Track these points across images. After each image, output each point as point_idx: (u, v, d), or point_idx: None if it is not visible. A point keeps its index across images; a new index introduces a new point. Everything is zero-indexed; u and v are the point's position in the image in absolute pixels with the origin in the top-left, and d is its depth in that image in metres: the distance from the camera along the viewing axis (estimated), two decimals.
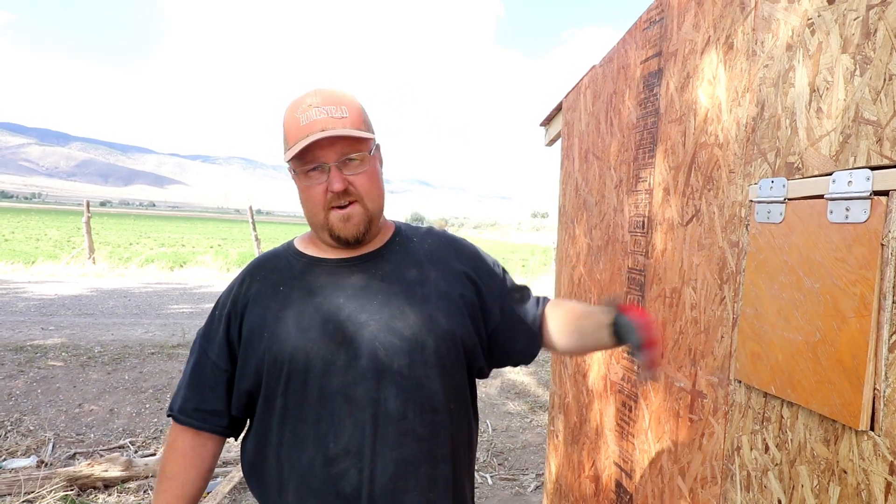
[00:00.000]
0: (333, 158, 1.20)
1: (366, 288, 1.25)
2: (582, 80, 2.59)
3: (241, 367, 1.27)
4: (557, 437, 2.81)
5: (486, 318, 1.36)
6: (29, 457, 4.05)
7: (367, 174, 1.24)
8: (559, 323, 1.41)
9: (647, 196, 1.81)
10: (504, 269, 1.46)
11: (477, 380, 1.41)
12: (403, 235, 1.38)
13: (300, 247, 1.34)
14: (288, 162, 1.24)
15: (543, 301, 1.47)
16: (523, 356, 1.42)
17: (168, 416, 1.34)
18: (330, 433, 1.18)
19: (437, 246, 1.37)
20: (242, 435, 1.38)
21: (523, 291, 1.46)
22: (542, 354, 1.50)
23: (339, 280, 1.26)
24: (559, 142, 3.01)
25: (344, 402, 1.18)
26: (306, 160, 1.20)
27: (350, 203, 1.23)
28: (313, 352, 1.19)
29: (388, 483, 1.17)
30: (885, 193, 0.91)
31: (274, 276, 1.30)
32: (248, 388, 1.26)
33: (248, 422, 1.36)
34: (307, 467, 1.19)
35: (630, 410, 1.91)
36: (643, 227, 1.83)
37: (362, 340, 1.19)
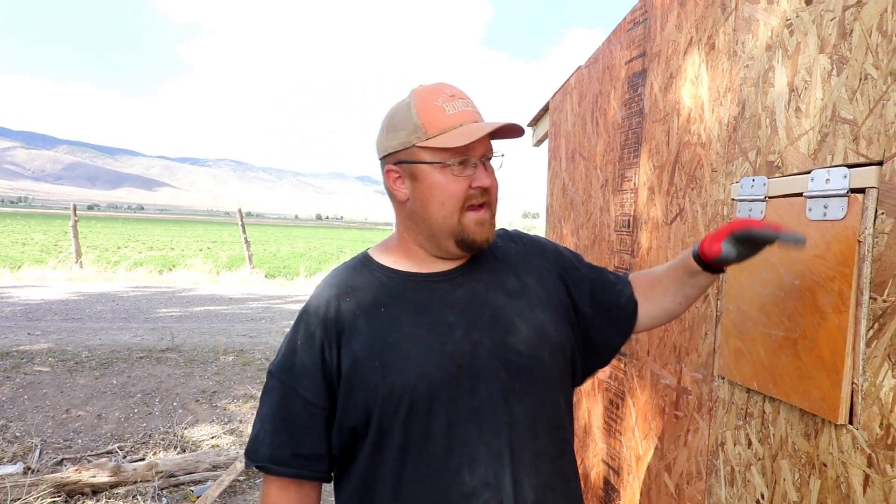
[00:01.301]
0: (480, 153, 1.12)
1: (472, 302, 1.15)
2: (568, 80, 2.60)
3: (345, 402, 1.11)
4: None
5: (580, 318, 1.26)
6: (15, 463, 4.01)
7: (496, 178, 1.16)
8: (652, 291, 1.28)
9: (633, 195, 1.82)
10: (576, 255, 1.35)
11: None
12: None
13: (382, 260, 1.21)
14: (413, 151, 1.12)
15: (626, 279, 1.34)
16: (621, 339, 1.30)
17: (254, 466, 1.16)
18: (464, 465, 1.06)
19: (524, 249, 1.28)
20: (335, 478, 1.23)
21: (604, 274, 1.34)
22: None
23: (444, 296, 1.15)
24: (546, 142, 3.03)
25: (475, 429, 1.07)
26: (458, 151, 1.10)
27: (482, 205, 1.14)
28: (436, 379, 1.07)
29: None
30: (862, 191, 0.93)
31: (367, 295, 1.15)
32: (354, 426, 1.11)
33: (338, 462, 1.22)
34: None
35: (617, 408, 1.92)
36: (629, 226, 1.85)
37: (482, 360, 1.10)
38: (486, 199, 1.13)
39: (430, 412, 1.07)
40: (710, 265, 1.13)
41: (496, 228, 1.24)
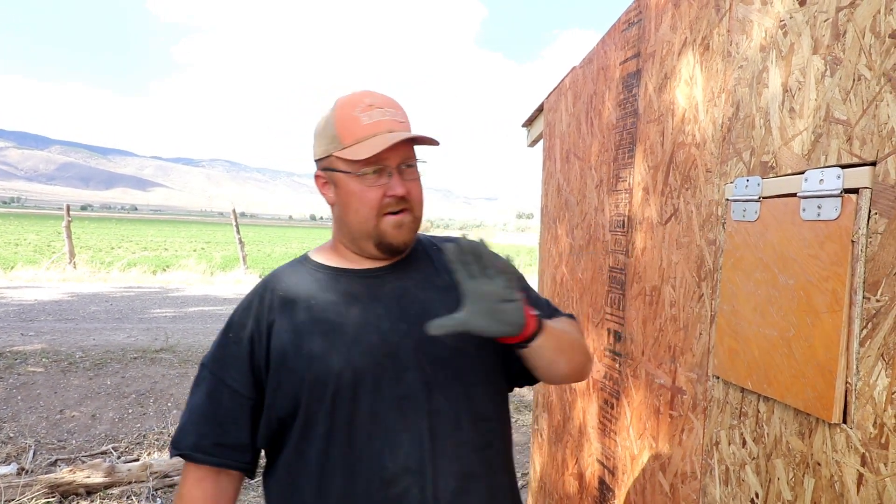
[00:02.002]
0: (395, 162, 1.15)
1: (402, 297, 1.18)
2: (563, 81, 2.61)
3: (273, 393, 1.15)
4: (541, 435, 2.82)
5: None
6: (9, 464, 3.99)
7: (418, 183, 1.19)
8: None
9: (627, 196, 1.83)
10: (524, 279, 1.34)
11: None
12: (422, 241, 1.32)
13: (319, 259, 1.26)
14: (331, 160, 1.16)
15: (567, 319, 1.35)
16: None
17: (177, 455, 1.18)
18: (385, 450, 1.10)
19: None
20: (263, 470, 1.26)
21: (548, 307, 1.36)
22: None
23: (374, 290, 1.19)
24: (541, 142, 3.03)
25: (398, 416, 1.11)
26: (370, 161, 1.13)
27: (402, 210, 1.17)
28: (361, 367, 1.11)
29: (452, 499, 1.11)
30: (855, 191, 0.93)
31: (299, 289, 1.20)
32: (282, 415, 1.15)
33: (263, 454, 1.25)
34: (361, 493, 1.09)
35: (612, 408, 1.93)
36: (623, 227, 1.85)
37: (408, 351, 1.13)
38: (404, 205, 1.17)
39: (354, 399, 1.10)
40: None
41: (446, 237, 1.31)
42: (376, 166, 1.14)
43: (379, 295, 1.18)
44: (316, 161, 1.20)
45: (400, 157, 1.15)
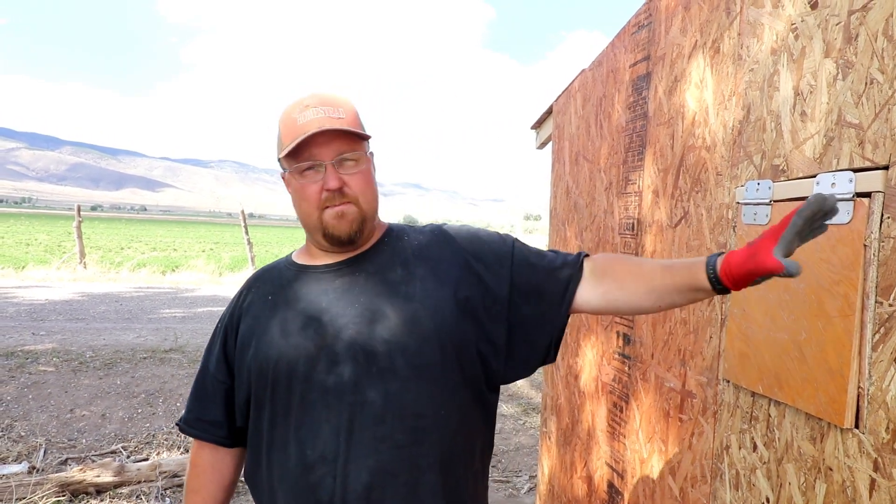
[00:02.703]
0: (329, 157, 1.19)
1: (349, 291, 1.22)
2: (572, 83, 2.61)
3: (237, 378, 1.30)
4: (550, 438, 2.82)
5: (499, 309, 1.23)
6: (20, 462, 4.02)
7: (361, 174, 1.22)
8: (626, 279, 1.19)
9: (637, 198, 1.83)
10: (515, 242, 1.31)
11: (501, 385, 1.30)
12: (394, 235, 1.32)
13: (296, 257, 1.35)
14: (281, 162, 1.23)
15: (581, 261, 1.27)
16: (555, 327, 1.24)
17: (175, 424, 1.39)
18: (308, 439, 1.17)
19: (429, 240, 1.30)
20: None
21: (545, 257, 1.29)
22: None
23: (324, 285, 1.25)
24: (550, 145, 3.03)
25: (323, 407, 1.16)
26: (302, 157, 1.19)
27: (343, 203, 1.21)
28: (294, 357, 1.19)
29: (362, 492, 1.13)
30: (868, 195, 0.93)
31: (267, 287, 1.32)
32: (245, 398, 1.28)
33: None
34: (292, 474, 1.18)
35: (621, 411, 1.92)
36: (633, 229, 1.85)
37: (342, 344, 1.17)
38: (343, 199, 1.21)
39: (289, 388, 1.19)
40: (728, 288, 1.00)
41: (428, 224, 1.36)
42: (310, 162, 1.19)
43: (328, 289, 1.24)
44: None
45: (333, 151, 1.19)
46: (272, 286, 1.31)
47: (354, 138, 1.22)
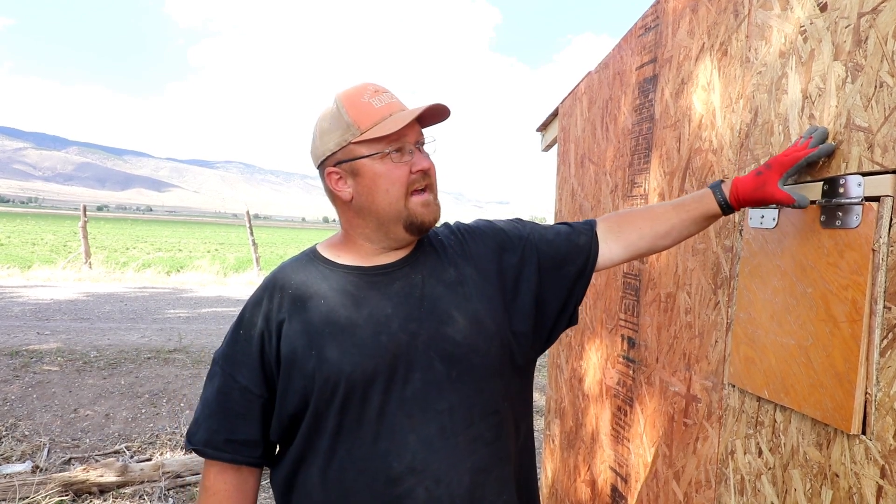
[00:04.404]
0: (413, 140, 1.17)
1: (410, 295, 1.18)
2: (578, 86, 2.60)
3: (284, 390, 1.17)
4: (553, 441, 2.81)
5: (529, 287, 1.26)
6: (24, 462, 4.03)
7: (432, 161, 1.21)
8: (644, 225, 1.29)
9: (643, 201, 1.82)
10: (528, 223, 1.37)
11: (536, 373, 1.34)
12: (428, 236, 1.30)
13: (328, 254, 1.26)
14: (350, 150, 1.15)
15: (593, 226, 1.33)
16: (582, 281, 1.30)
17: (191, 448, 1.21)
18: (392, 451, 1.12)
19: (461, 238, 1.30)
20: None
21: (559, 231, 1.34)
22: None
23: (383, 289, 1.19)
24: (555, 147, 3.03)
25: (404, 416, 1.12)
26: (392, 138, 1.14)
27: (426, 188, 1.19)
28: (370, 369, 1.12)
29: (466, 494, 1.13)
30: (877, 199, 0.92)
31: (309, 288, 1.20)
32: (293, 412, 1.17)
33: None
34: (365, 489, 1.12)
35: (625, 415, 1.91)
36: None
37: (418, 351, 1.14)
38: (427, 181, 1.19)
39: (364, 399, 1.12)
40: (734, 208, 1.18)
41: (441, 224, 1.32)
42: (398, 144, 1.15)
43: (388, 293, 1.19)
44: (325, 160, 1.19)
45: (416, 135, 1.18)
46: (316, 287, 1.20)
47: (420, 127, 1.21)
